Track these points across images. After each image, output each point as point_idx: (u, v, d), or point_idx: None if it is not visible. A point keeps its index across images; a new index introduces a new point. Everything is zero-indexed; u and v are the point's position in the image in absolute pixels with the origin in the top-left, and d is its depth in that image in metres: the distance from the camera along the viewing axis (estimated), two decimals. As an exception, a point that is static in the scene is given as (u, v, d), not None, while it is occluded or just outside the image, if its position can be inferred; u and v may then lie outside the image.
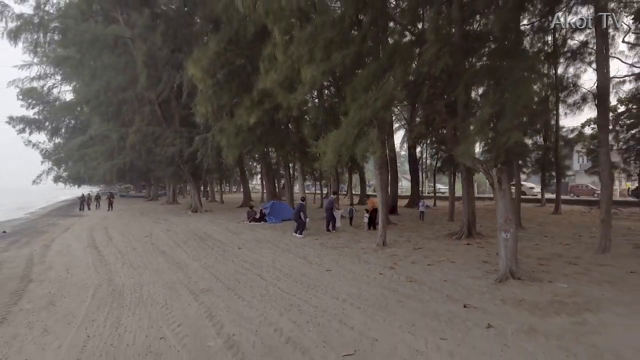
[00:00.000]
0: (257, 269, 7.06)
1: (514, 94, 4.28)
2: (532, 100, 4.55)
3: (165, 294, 5.55)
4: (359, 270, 6.88)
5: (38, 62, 33.00)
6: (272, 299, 5.19)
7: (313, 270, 6.92)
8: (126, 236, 12.23)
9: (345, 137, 5.63)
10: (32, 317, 4.76)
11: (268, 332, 4.03)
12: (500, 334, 3.87)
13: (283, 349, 3.61)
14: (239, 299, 5.21)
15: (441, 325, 4.12)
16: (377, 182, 9.78)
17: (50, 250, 9.91)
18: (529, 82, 4.37)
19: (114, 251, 9.42)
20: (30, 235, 13.74)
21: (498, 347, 3.55)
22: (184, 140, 18.64)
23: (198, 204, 21.56)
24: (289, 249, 9.19)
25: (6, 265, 8.15)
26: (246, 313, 4.64)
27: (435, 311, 4.60)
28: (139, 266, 7.54)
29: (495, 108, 4.59)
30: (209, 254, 8.82)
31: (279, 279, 6.28)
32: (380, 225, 9.51)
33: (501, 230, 6.20)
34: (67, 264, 7.99)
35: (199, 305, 4.99)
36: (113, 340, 3.91)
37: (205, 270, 7.09)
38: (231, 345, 3.71)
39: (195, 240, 10.93)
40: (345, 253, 8.61)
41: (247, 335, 3.95)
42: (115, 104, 19.93)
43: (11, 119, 40.33)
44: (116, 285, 6.14)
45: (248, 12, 7.84)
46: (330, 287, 5.74)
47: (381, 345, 3.64)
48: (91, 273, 7.10)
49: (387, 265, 7.17)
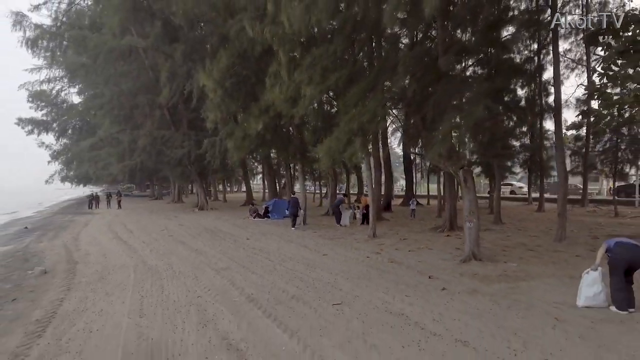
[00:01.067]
0: (265, 254, 8.40)
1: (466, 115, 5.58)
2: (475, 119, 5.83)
3: (193, 271, 6.89)
4: (351, 254, 8.23)
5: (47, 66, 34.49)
6: (279, 274, 6.52)
7: (312, 255, 8.26)
8: (144, 230, 13.56)
9: (337, 144, 6.98)
10: (91, 286, 6.09)
11: (278, 292, 5.37)
12: (450, 293, 5.22)
13: (290, 301, 4.95)
14: (253, 274, 6.55)
15: (408, 289, 5.46)
16: (368, 181, 11.12)
17: (81, 242, 11.23)
18: (477, 105, 5.67)
19: (138, 241, 10.76)
20: (54, 230, 15.05)
21: (445, 300, 4.89)
22: (192, 142, 19.97)
23: (204, 202, 22.89)
24: (292, 240, 10.53)
25: (49, 253, 9.49)
26: (260, 282, 5.98)
27: (406, 281, 5.94)
28: (165, 252, 8.88)
29: (452, 124, 5.91)
30: (222, 243, 10.16)
31: (284, 261, 7.62)
32: (370, 220, 10.85)
33: (466, 221, 7.52)
34: (102, 251, 9.32)
35: (221, 277, 6.33)
36: (162, 298, 5.24)
37: (222, 255, 8.43)
38: (251, 300, 5.05)
39: (208, 233, 12.26)
40: (340, 243, 9.95)
41: (262, 294, 5.28)
42: (128, 108, 21.26)
43: (20, 120, 41.68)
44: (150, 265, 7.48)
45: (256, 35, 9.21)
46: (326, 266, 7.08)
47: (361, 299, 4.98)
48: (125, 257, 8.43)
49: (374, 251, 8.51)
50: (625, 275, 4.30)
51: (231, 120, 14.30)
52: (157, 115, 20.43)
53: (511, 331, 3.82)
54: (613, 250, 4.37)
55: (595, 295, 4.44)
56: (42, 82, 36.74)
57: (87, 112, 29.84)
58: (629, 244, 4.36)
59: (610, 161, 18.10)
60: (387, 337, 3.73)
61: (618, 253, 4.31)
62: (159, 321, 4.35)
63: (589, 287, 4.49)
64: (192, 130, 21.16)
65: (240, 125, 12.75)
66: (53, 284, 6.36)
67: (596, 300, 4.44)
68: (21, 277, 7.01)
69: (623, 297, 4.26)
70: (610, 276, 4.38)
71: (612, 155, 17.70)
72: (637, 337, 3.66)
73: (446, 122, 5.92)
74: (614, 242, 4.47)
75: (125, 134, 21.89)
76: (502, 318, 4.22)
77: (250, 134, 12.19)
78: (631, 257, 4.24)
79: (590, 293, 4.46)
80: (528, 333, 3.77)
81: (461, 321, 4.13)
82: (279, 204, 17.26)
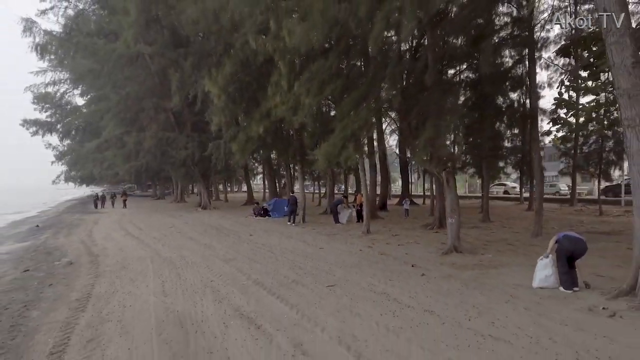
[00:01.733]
0: (268, 248, 9.24)
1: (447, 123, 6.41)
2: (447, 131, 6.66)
3: (204, 261, 7.74)
4: (345, 248, 9.08)
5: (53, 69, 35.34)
6: (281, 263, 7.37)
7: (310, 248, 9.11)
8: (153, 227, 14.41)
9: (333, 149, 7.82)
10: (115, 274, 6.93)
11: (280, 278, 6.22)
12: (427, 278, 6.07)
13: (290, 284, 5.80)
14: (257, 263, 7.40)
15: (392, 275, 6.31)
16: (362, 181, 11.98)
17: (95, 238, 12.07)
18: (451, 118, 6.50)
19: (149, 237, 11.60)
20: (66, 228, 15.89)
21: (422, 283, 5.74)
22: (195, 144, 20.82)
23: (207, 201, 23.74)
24: (291, 236, 11.38)
25: (68, 247, 10.33)
26: (264, 270, 6.82)
27: (392, 269, 6.79)
28: (176, 246, 9.73)
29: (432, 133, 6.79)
30: (227, 239, 11.00)
31: (284, 253, 8.47)
32: (365, 217, 11.70)
33: (448, 217, 8.37)
34: (117, 246, 10.17)
35: (230, 266, 7.18)
36: (180, 282, 6.08)
37: (228, 248, 9.28)
38: (257, 283, 5.89)
39: (213, 230, 13.10)
40: (336, 238, 10.80)
41: (266, 279, 6.13)
42: (133, 111, 22.10)
43: (25, 121, 42.43)
44: (165, 257, 8.32)
45: (259, 47, 10.05)
46: (322, 257, 7.93)
47: (350, 282, 5.82)
48: (140, 251, 9.27)
49: (366, 245, 9.36)
50: (569, 261, 5.16)
51: (234, 124, 15.13)
52: (162, 118, 21.27)
53: (471, 305, 4.67)
54: (560, 241, 5.23)
55: (547, 277, 5.30)
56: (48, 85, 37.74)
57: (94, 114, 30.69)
58: (573, 237, 5.23)
59: (595, 162, 19.00)
60: (369, 309, 4.58)
61: (563, 244, 5.17)
62: (180, 299, 5.20)
63: (541, 271, 5.35)
64: (195, 132, 22.01)
65: (243, 129, 13.58)
66: (81, 272, 7.20)
67: (548, 282, 5.29)
68: (50, 267, 7.86)
69: (567, 279, 5.11)
70: (557, 262, 5.24)
71: (597, 157, 18.59)
72: (573, 308, 4.51)
73: (428, 129, 6.77)
74: (562, 234, 5.34)
75: (131, 136, 22.72)
76: (467, 296, 5.07)
77: (252, 136, 13.04)
78: (573, 248, 5.12)
79: (543, 276, 5.32)
80: (484, 306, 4.62)
81: (432, 298, 4.98)
82: (279, 203, 18.11)
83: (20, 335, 4.21)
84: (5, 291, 6.08)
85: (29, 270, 7.63)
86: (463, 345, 3.53)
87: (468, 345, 3.54)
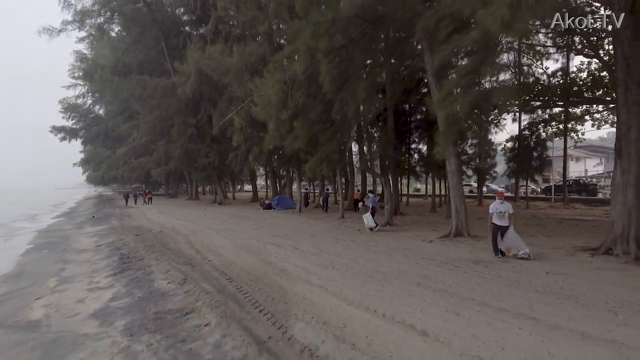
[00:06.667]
0: (277, 226, 14.73)
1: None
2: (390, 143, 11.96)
3: (242, 230, 13.22)
4: (325, 225, 14.60)
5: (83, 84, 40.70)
6: (284, 232, 12.87)
7: (304, 225, 14.60)
8: (189, 216, 19.86)
9: (315, 164, 13.28)
10: (194, 235, 12.36)
11: (284, 235, 11.73)
12: (362, 233, 11.59)
13: (291, 235, 11.31)
14: (275, 235, 12.89)
15: (344, 235, 11.82)
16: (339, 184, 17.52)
17: (156, 221, 17.51)
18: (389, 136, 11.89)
19: (193, 221, 17.05)
20: (121, 218, 21.31)
21: (358, 236, 11.27)
22: (215, 153, 26.33)
23: (222, 198, 29.25)
24: (291, 219, 16.89)
25: (146, 225, 15.78)
26: (276, 234, 12.33)
27: (345, 232, 12.30)
28: (218, 225, 15.20)
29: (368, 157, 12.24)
30: (248, 222, 16.50)
31: (289, 228, 13.97)
32: (341, 208, 17.27)
33: (385, 204, 13.85)
34: (178, 224, 15.61)
35: (257, 232, 12.68)
36: (234, 238, 11.55)
37: (252, 225, 14.78)
38: (275, 235, 11.40)
39: (236, 218, 18.59)
40: (322, 221, 16.31)
41: (279, 240, 11.63)
42: (163, 126, 27.61)
43: (54, 128, 47.76)
44: (215, 229, 13.79)
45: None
46: (311, 228, 13.43)
47: (323, 236, 11.35)
48: (194, 227, 14.73)
49: (339, 223, 14.87)
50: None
51: (250, 141, 20.69)
52: (189, 133, 26.79)
53: (372, 250, 10.17)
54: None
55: (368, 220, 10.83)
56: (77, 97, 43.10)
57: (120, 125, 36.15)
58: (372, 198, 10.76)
59: (524, 169, 24.76)
60: (331, 244, 10.08)
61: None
62: (239, 240, 10.69)
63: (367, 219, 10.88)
64: (214, 142, 27.52)
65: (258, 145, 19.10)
66: (169, 234, 12.69)
67: (368, 222, 10.82)
68: (148, 234, 13.34)
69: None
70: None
71: (527, 164, 24.32)
72: (420, 241, 10.00)
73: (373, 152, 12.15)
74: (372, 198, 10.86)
75: (161, 145, 28.22)
76: (369, 243, 10.58)
77: (264, 151, 18.55)
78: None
79: (369, 221, 10.85)
80: (380, 248, 10.13)
81: (355, 242, 10.51)
82: (281, 199, 23.63)
83: (164, 248, 9.72)
84: (142, 240, 11.57)
85: (138, 235, 13.12)
86: (354, 255, 9.06)
87: (357, 256, 9.08)
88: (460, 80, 6.42)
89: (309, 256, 8.42)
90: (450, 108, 6.78)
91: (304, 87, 11.12)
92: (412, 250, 8.78)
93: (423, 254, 8.32)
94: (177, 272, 7.67)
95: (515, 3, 3.79)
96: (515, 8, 3.81)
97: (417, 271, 6.74)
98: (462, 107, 6.57)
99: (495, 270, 6.65)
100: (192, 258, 8.87)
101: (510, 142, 28.38)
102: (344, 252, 8.82)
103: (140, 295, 6.64)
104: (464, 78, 6.30)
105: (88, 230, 17.44)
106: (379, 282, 6.05)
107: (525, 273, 6.38)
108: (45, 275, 9.03)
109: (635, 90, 7.26)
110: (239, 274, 7.09)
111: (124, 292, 6.92)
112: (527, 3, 3.82)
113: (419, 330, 4.12)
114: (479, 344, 3.74)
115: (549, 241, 9.56)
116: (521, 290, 5.44)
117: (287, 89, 10.62)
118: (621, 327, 4.05)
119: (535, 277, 6.14)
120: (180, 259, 8.90)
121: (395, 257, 8.09)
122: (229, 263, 8.07)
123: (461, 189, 11.08)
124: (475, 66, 6.05)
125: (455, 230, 10.43)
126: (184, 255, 9.28)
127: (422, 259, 7.86)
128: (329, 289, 5.78)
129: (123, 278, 7.95)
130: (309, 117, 12.80)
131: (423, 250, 8.77)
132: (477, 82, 7.08)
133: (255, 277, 6.82)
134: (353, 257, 8.17)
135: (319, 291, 5.71)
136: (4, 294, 7.74)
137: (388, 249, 9.08)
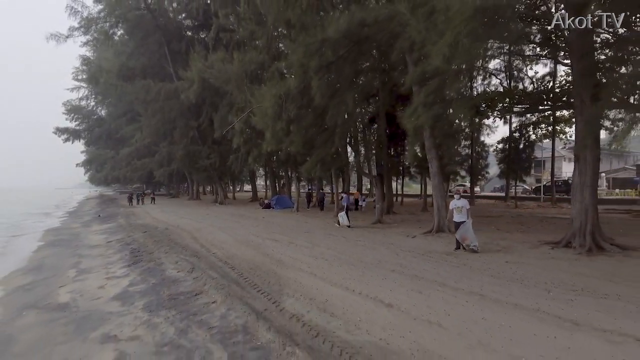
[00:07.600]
0: (275, 224, 15.72)
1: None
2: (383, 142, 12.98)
3: (242, 227, 14.21)
4: (320, 222, 15.60)
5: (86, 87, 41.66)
6: (283, 229, 13.85)
7: (300, 223, 15.59)
8: (193, 214, 20.84)
9: (310, 166, 14.22)
10: (199, 232, 13.36)
11: (283, 236, 12.71)
12: (352, 230, 12.58)
13: (287, 232, 12.30)
14: (273, 232, 13.87)
15: (336, 231, 12.81)
16: (335, 185, 18.52)
17: (161, 219, 18.49)
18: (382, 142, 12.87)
19: (197, 220, 18.04)
20: (126, 217, 22.27)
21: (349, 232, 12.26)
22: (216, 154, 27.31)
23: (223, 198, 30.24)
24: (289, 218, 17.88)
25: (152, 224, 16.77)
26: (275, 231, 13.31)
27: (338, 229, 13.29)
28: (220, 223, 16.19)
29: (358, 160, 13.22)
30: (249, 220, 17.48)
31: (287, 225, 14.96)
32: (336, 208, 18.25)
33: (376, 203, 14.83)
34: (183, 222, 16.59)
35: (257, 229, 13.67)
36: (235, 234, 12.55)
37: (252, 223, 15.77)
38: (273, 232, 12.39)
39: (236, 216, 19.58)
40: (317, 218, 17.31)
41: (278, 236, 12.62)
42: (166, 128, 28.59)
43: (57, 129, 48.69)
44: (218, 227, 14.78)
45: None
46: (307, 225, 14.42)
47: (318, 232, 12.34)
48: (198, 225, 15.72)
49: (332, 221, 15.86)
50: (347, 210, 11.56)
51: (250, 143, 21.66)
52: (191, 135, 27.77)
53: (360, 244, 11.16)
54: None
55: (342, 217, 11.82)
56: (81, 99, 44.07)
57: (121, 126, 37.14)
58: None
59: (513, 170, 25.76)
60: (323, 239, 11.07)
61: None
62: (240, 237, 11.67)
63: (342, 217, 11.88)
64: (214, 144, 28.50)
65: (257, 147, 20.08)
66: (175, 231, 13.67)
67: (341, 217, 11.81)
68: (155, 231, 14.32)
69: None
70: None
71: (516, 165, 25.32)
72: (400, 235, 10.98)
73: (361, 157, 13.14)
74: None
75: (163, 146, 29.20)
76: (358, 238, 11.57)
77: (263, 153, 19.53)
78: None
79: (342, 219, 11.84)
80: (367, 243, 11.12)
81: (346, 238, 11.50)
82: (280, 199, 24.61)
83: (172, 243, 10.71)
84: (150, 236, 12.55)
85: (146, 232, 14.11)
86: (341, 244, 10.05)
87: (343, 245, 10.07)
88: (427, 98, 7.41)
89: (302, 249, 9.41)
90: (416, 122, 7.78)
91: (297, 100, 12.11)
92: (395, 245, 9.77)
93: (404, 247, 9.32)
94: (186, 263, 8.65)
95: (453, 44, 4.74)
96: (453, 48, 4.76)
97: (395, 261, 7.74)
98: (424, 121, 7.58)
99: (462, 260, 7.64)
100: (197, 251, 9.85)
101: (502, 144, 29.53)
102: (334, 246, 9.81)
103: (154, 281, 7.62)
104: (429, 97, 7.29)
105: (96, 228, 18.41)
106: (360, 269, 7.04)
107: (487, 262, 7.37)
108: (64, 267, 10.00)
109: (588, 103, 8.25)
110: (240, 264, 8.07)
111: (139, 280, 7.91)
112: (463, 45, 4.78)
113: (386, 303, 5.11)
114: (430, 312, 4.73)
115: (521, 236, 10.56)
116: (479, 275, 6.43)
117: (281, 102, 11.61)
118: (548, 300, 5.04)
119: (495, 265, 7.13)
120: (187, 252, 9.87)
121: (379, 250, 9.08)
122: (231, 255, 9.05)
123: (442, 189, 12.08)
124: (438, 86, 7.04)
125: (437, 226, 11.43)
126: (190, 248, 10.25)
127: (402, 251, 8.86)
128: (317, 274, 6.76)
129: (137, 269, 8.93)
130: (303, 124, 13.81)
131: (405, 244, 9.76)
132: (442, 98, 8.05)
133: (255, 266, 7.80)
134: (342, 250, 9.15)
135: (309, 276, 6.69)
136: (29, 283, 8.71)
137: (374, 243, 10.06)
